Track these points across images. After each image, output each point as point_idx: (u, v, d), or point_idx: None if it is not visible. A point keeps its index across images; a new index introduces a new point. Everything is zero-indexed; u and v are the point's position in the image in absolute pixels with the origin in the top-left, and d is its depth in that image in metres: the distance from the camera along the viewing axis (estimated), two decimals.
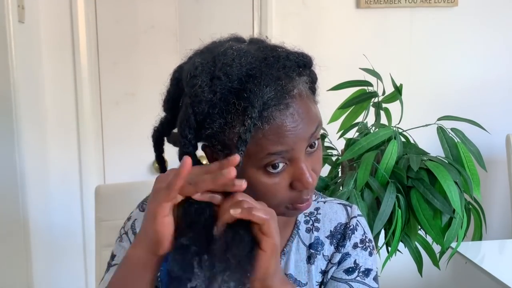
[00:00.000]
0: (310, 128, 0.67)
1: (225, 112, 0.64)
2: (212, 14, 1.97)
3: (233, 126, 0.64)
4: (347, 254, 0.82)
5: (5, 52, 1.49)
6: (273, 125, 0.64)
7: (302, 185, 0.67)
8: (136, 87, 1.96)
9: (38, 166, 1.77)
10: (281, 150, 0.65)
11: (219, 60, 0.65)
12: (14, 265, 1.58)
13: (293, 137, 0.65)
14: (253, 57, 0.66)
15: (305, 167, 0.67)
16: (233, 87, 0.64)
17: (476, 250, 1.52)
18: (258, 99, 0.63)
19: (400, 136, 1.44)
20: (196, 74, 0.65)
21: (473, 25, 2.12)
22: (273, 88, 0.64)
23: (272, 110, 0.64)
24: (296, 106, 0.65)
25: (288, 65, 0.67)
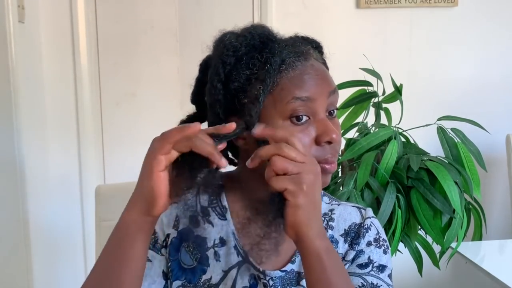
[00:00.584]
0: (330, 83, 0.73)
1: (250, 64, 0.71)
2: (212, 14, 1.97)
3: (258, 76, 0.70)
4: (361, 251, 0.82)
5: (5, 52, 1.49)
6: (297, 71, 0.70)
7: (328, 136, 0.70)
8: (136, 87, 1.96)
9: (38, 166, 1.77)
10: (305, 96, 0.69)
11: (244, 28, 0.75)
12: (14, 265, 1.58)
13: (314, 83, 0.71)
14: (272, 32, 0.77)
15: (328, 122, 0.71)
16: (255, 44, 0.72)
17: (476, 250, 1.52)
18: (278, 50, 0.71)
19: (400, 136, 1.44)
20: (223, 35, 0.74)
21: (473, 25, 2.12)
22: (291, 48, 0.72)
23: (294, 60, 0.71)
24: (314, 61, 0.74)
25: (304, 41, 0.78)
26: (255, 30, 0.74)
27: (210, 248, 0.79)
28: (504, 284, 1.28)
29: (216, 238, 0.79)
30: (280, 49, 0.71)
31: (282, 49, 0.71)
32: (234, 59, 0.71)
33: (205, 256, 0.79)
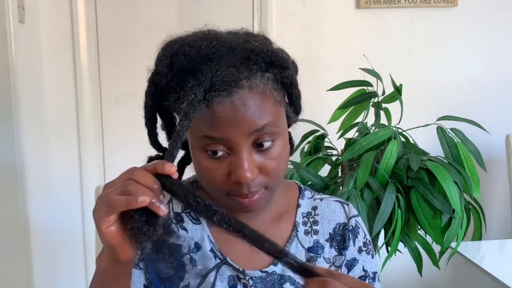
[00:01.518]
0: (253, 123, 0.66)
1: (178, 87, 0.67)
2: (212, 14, 1.97)
3: (182, 102, 0.66)
4: (355, 260, 0.82)
5: (5, 52, 1.49)
6: (211, 108, 0.65)
7: (236, 177, 0.67)
8: (136, 87, 1.95)
9: (38, 166, 1.77)
10: (215, 136, 0.66)
11: (184, 39, 0.69)
12: (14, 265, 1.58)
13: (228, 126, 0.65)
14: (220, 43, 0.67)
15: (246, 160, 0.66)
16: (189, 66, 0.66)
17: (476, 250, 1.52)
18: (206, 79, 0.64)
19: (400, 136, 1.45)
20: (163, 49, 0.71)
21: (473, 25, 2.12)
22: (223, 73, 0.64)
23: (214, 94, 0.64)
24: (241, 96, 0.65)
25: (252, 58, 0.67)
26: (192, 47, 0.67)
27: (186, 254, 0.79)
28: (504, 284, 1.28)
29: (191, 244, 0.79)
30: (209, 75, 0.64)
31: (212, 75, 0.64)
32: (164, 81, 0.68)
33: (181, 263, 0.79)
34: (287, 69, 0.71)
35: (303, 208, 0.84)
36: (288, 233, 0.81)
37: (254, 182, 0.68)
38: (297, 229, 0.82)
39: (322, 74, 1.95)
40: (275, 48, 0.71)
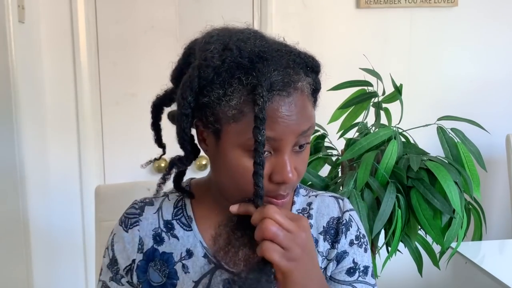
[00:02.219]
0: (303, 124, 0.67)
1: (227, 83, 0.66)
2: (212, 14, 1.97)
3: (230, 99, 0.66)
4: (345, 252, 0.82)
5: (5, 52, 1.49)
6: (270, 108, 0.64)
7: (281, 177, 0.67)
8: (136, 87, 1.96)
9: (38, 166, 1.77)
10: (269, 136, 0.65)
11: (236, 35, 0.68)
12: (14, 265, 1.58)
13: (284, 126, 0.66)
14: (267, 43, 0.69)
15: (288, 161, 0.67)
16: (242, 62, 0.66)
17: (476, 250, 1.52)
18: (266, 79, 0.64)
19: (400, 136, 1.44)
20: (210, 41, 0.68)
21: (473, 25, 2.12)
22: (281, 73, 0.65)
23: (274, 94, 0.65)
24: (296, 98, 0.67)
25: (298, 61, 0.69)
26: (246, 43, 0.67)
27: (178, 262, 0.79)
28: (504, 284, 1.28)
29: (183, 251, 0.79)
30: (268, 74, 0.64)
31: (270, 75, 0.64)
32: (212, 74, 0.66)
33: (173, 270, 0.79)
34: (319, 75, 0.75)
35: (298, 205, 0.84)
36: None
37: (291, 184, 0.69)
38: None
39: (322, 74, 1.94)
40: (309, 53, 0.73)
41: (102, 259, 0.83)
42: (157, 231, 0.80)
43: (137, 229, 0.80)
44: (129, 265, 0.80)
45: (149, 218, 0.81)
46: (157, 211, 0.82)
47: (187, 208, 0.81)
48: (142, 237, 0.80)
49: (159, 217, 0.81)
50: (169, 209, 0.82)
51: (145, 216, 0.81)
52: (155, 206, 0.82)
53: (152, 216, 0.81)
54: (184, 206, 0.82)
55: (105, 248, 0.83)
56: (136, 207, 0.83)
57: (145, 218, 0.81)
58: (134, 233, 0.80)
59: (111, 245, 0.82)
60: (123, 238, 0.80)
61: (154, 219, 0.81)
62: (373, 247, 1.43)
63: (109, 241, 0.83)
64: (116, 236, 0.82)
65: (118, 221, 0.83)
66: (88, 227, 1.95)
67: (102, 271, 0.83)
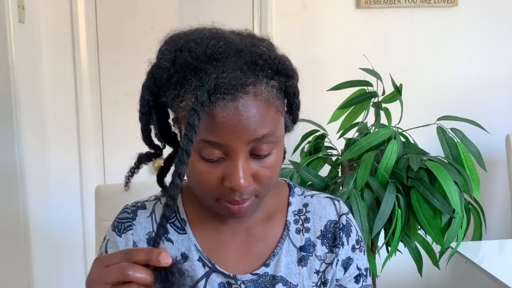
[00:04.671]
0: (256, 131, 0.64)
1: (179, 85, 0.65)
2: (212, 14, 1.97)
3: (181, 101, 0.65)
4: (350, 258, 0.82)
5: (5, 52, 1.50)
6: (213, 112, 0.62)
7: (231, 183, 0.65)
8: (136, 87, 1.95)
9: (38, 166, 1.77)
10: (215, 141, 0.63)
11: (190, 35, 0.67)
12: (14, 265, 1.58)
13: (229, 131, 0.63)
14: (227, 44, 0.65)
15: (241, 167, 0.65)
16: (192, 63, 0.64)
17: (476, 250, 1.52)
18: (210, 81, 0.61)
19: (400, 136, 1.45)
20: (166, 42, 0.69)
21: (473, 25, 2.12)
22: (229, 76, 0.62)
23: (219, 97, 0.61)
24: (245, 102, 0.63)
25: (260, 64, 0.65)
26: (199, 45, 0.65)
27: None
28: (504, 284, 1.28)
29: (178, 255, 0.78)
30: (215, 75, 0.61)
31: (217, 76, 0.62)
32: (165, 75, 0.66)
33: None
34: (292, 78, 0.70)
35: (294, 206, 0.83)
36: (279, 233, 0.80)
37: (246, 190, 0.67)
38: (289, 228, 0.81)
39: (322, 74, 1.95)
40: (281, 55, 0.69)
41: None
42: (151, 235, 0.79)
43: (131, 233, 0.79)
44: None
45: (142, 222, 0.80)
46: (150, 215, 0.81)
47: (180, 211, 0.80)
48: (136, 241, 0.78)
49: (152, 221, 0.80)
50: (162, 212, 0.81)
51: (138, 220, 0.80)
52: (148, 209, 0.81)
53: (146, 220, 0.80)
54: (177, 209, 0.80)
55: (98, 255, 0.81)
56: (128, 211, 0.81)
57: (139, 222, 0.80)
58: (128, 237, 0.78)
59: (105, 251, 0.80)
60: (116, 243, 0.79)
61: (147, 223, 0.80)
62: (373, 247, 1.43)
63: (102, 247, 0.81)
64: (110, 242, 0.80)
65: (111, 226, 0.81)
66: (88, 227, 1.95)
67: None
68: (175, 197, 0.59)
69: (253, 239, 0.79)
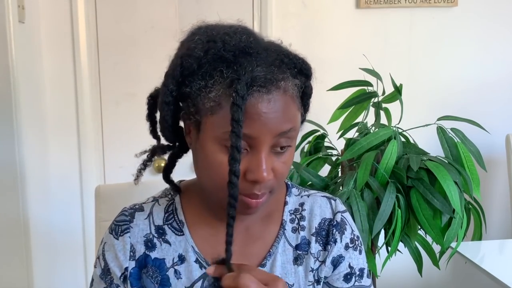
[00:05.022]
0: (282, 124, 0.66)
1: (208, 75, 0.65)
2: (212, 14, 1.96)
3: (209, 91, 0.65)
4: (341, 256, 0.81)
5: (5, 52, 1.49)
6: (248, 103, 0.63)
7: (255, 176, 0.65)
8: (136, 87, 1.96)
9: (38, 166, 1.77)
10: (245, 133, 0.63)
11: (223, 29, 0.67)
12: (14, 265, 1.58)
13: (261, 123, 0.64)
14: (256, 40, 0.68)
15: (265, 160, 0.66)
16: (225, 55, 0.65)
17: (476, 250, 1.52)
18: (246, 73, 0.63)
19: (400, 136, 1.45)
20: (196, 33, 0.68)
21: (473, 25, 2.12)
22: (263, 70, 0.64)
23: (254, 89, 0.63)
24: (277, 96, 0.65)
25: (286, 62, 0.68)
26: (232, 38, 0.66)
27: (170, 268, 0.78)
28: (504, 284, 1.28)
29: (175, 257, 0.78)
30: (250, 69, 0.63)
31: (252, 70, 0.63)
32: (195, 64, 0.66)
33: (166, 276, 0.78)
34: (310, 80, 0.72)
35: (290, 205, 0.83)
36: (275, 233, 0.80)
37: (266, 184, 0.67)
38: (284, 227, 0.81)
39: (322, 74, 1.94)
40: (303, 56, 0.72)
41: (94, 270, 0.82)
42: (149, 236, 0.79)
43: (128, 236, 0.78)
44: (122, 274, 0.78)
45: (140, 224, 0.80)
46: (148, 217, 0.80)
47: (178, 212, 0.80)
48: (133, 244, 0.78)
49: (150, 223, 0.80)
50: (160, 214, 0.80)
51: (135, 222, 0.80)
52: (146, 211, 0.81)
53: (143, 222, 0.80)
54: (175, 211, 0.80)
55: (96, 258, 0.82)
56: (126, 214, 0.81)
57: (136, 225, 0.79)
58: (125, 240, 0.78)
59: (102, 254, 0.80)
60: (114, 246, 0.79)
61: (145, 225, 0.80)
62: (373, 247, 1.43)
63: (99, 250, 0.81)
64: (106, 244, 0.80)
65: (108, 229, 0.81)
66: (88, 227, 1.95)
67: (94, 282, 0.81)
68: (236, 195, 0.60)
69: (250, 238, 0.79)
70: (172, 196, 0.83)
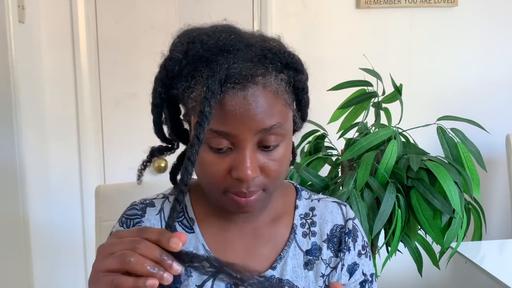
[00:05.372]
0: (263, 121, 0.65)
1: (190, 76, 0.66)
2: (212, 14, 1.96)
3: (191, 91, 0.66)
4: (355, 264, 0.82)
5: (5, 52, 1.49)
6: (223, 101, 0.63)
7: (238, 174, 0.65)
8: (136, 87, 1.96)
9: (38, 166, 1.77)
10: (223, 130, 0.64)
11: (203, 29, 0.68)
12: (14, 265, 1.58)
13: (238, 121, 0.64)
14: (238, 38, 0.67)
15: (248, 157, 0.65)
16: (204, 55, 0.65)
17: (476, 250, 1.52)
18: (222, 71, 0.63)
19: (400, 136, 1.45)
20: (179, 36, 0.70)
21: (473, 25, 2.13)
22: (240, 66, 0.64)
23: (229, 86, 0.63)
24: (254, 93, 0.64)
25: (269, 57, 0.67)
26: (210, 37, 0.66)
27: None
28: (504, 284, 1.28)
29: None
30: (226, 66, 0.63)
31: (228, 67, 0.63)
32: (177, 67, 0.67)
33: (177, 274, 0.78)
34: (301, 74, 0.71)
35: (301, 209, 0.83)
36: (286, 236, 0.80)
37: (253, 182, 0.67)
38: (295, 231, 0.81)
39: (322, 74, 1.95)
40: (291, 51, 0.71)
41: None
42: None
43: None
44: None
45: (151, 219, 0.80)
46: (159, 212, 0.81)
47: (188, 210, 0.80)
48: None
49: (161, 219, 0.80)
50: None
51: (147, 217, 0.80)
52: (157, 207, 0.81)
53: (154, 217, 0.80)
54: (185, 208, 0.80)
55: None
56: (137, 208, 0.81)
57: (148, 219, 0.79)
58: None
59: None
60: None
61: (156, 220, 0.80)
62: (373, 247, 1.43)
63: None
64: None
65: (118, 223, 0.81)
66: (88, 227, 1.95)
67: None
68: (187, 182, 0.60)
69: (260, 240, 0.79)
70: None
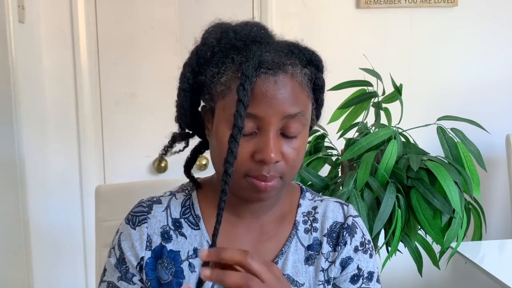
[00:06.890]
0: (289, 107, 0.68)
1: (221, 62, 0.70)
2: (212, 14, 1.96)
3: (221, 77, 0.69)
4: (350, 258, 0.82)
5: (5, 52, 1.49)
6: (255, 85, 0.66)
7: (262, 156, 0.67)
8: (136, 87, 1.96)
9: (38, 166, 1.77)
10: (251, 113, 0.67)
11: (235, 23, 0.74)
12: (14, 265, 1.58)
13: (266, 104, 0.67)
14: (267, 33, 0.73)
15: (272, 140, 0.68)
16: (236, 44, 0.70)
17: (476, 250, 1.52)
18: (254, 56, 0.67)
19: (400, 136, 1.45)
20: (211, 26, 0.75)
21: (473, 25, 2.12)
22: (271, 55, 0.68)
23: (261, 72, 0.67)
24: (284, 79, 0.68)
25: (295, 52, 0.72)
26: (243, 28, 0.72)
27: (184, 260, 0.79)
28: (504, 284, 1.28)
29: (190, 250, 0.80)
30: (259, 53, 0.67)
31: (260, 54, 0.67)
32: (209, 53, 0.71)
33: (180, 269, 0.79)
34: (321, 72, 0.77)
35: (304, 207, 0.85)
36: (288, 232, 0.82)
37: (274, 166, 0.69)
38: (297, 227, 0.83)
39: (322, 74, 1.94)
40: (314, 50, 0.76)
41: (107, 259, 0.83)
42: (165, 228, 0.81)
43: (145, 226, 0.80)
44: (138, 263, 0.80)
45: (157, 215, 0.82)
46: (165, 209, 0.82)
47: (194, 207, 0.82)
48: (150, 234, 0.80)
49: (167, 215, 0.82)
50: (177, 208, 0.83)
51: (153, 214, 0.82)
52: (163, 204, 0.83)
53: (161, 214, 0.82)
54: (191, 205, 0.82)
55: (110, 248, 0.83)
56: (144, 205, 0.83)
57: (153, 216, 0.81)
58: (142, 230, 0.80)
59: (118, 244, 0.82)
60: (130, 235, 0.80)
61: (162, 217, 0.82)
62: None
63: (115, 240, 0.82)
64: (123, 234, 0.82)
65: (124, 220, 0.83)
66: (88, 227, 1.95)
67: (106, 272, 0.82)
68: (230, 174, 0.62)
69: (264, 236, 0.81)
70: (189, 191, 0.85)
